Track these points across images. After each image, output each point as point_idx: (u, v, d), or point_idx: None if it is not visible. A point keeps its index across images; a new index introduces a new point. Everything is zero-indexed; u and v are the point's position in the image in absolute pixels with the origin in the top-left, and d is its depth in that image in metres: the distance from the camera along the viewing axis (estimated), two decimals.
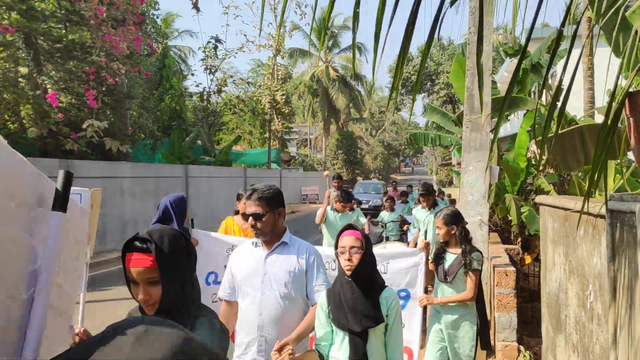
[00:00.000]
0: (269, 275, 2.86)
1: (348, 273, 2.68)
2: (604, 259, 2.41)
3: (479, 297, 3.99)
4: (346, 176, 48.55)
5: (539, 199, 4.02)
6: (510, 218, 8.17)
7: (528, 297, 7.43)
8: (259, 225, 2.82)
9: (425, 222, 7.31)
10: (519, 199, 7.78)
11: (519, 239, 8.37)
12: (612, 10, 3.54)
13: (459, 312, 4.00)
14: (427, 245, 4.13)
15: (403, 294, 4.02)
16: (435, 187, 27.98)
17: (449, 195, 14.66)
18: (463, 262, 3.94)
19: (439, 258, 4.15)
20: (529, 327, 6.55)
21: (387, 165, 68.89)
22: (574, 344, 3.10)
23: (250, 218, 2.83)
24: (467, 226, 5.83)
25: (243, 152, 29.96)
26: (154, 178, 15.89)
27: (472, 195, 5.57)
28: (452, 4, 1.68)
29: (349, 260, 2.67)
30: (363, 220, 8.80)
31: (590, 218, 2.66)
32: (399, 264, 4.11)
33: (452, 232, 4.07)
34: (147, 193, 15.42)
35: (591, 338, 2.76)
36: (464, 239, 4.06)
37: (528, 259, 7.90)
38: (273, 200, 2.87)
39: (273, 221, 2.87)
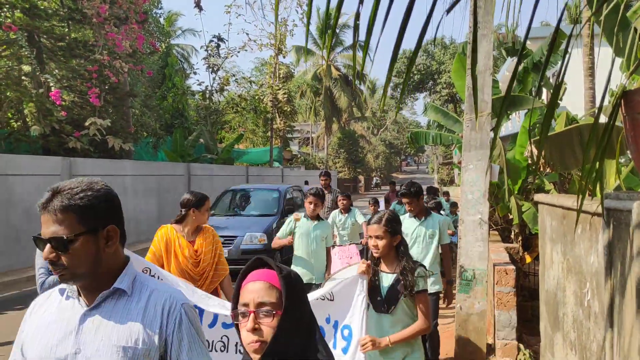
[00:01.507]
0: (84, 356, 1.56)
1: (255, 357, 1.48)
2: (601, 257, 2.43)
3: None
4: (348, 175, 48.62)
5: (538, 197, 4.04)
6: (511, 217, 8.20)
7: (528, 295, 7.46)
8: (63, 260, 1.53)
9: (413, 236, 5.18)
10: (520, 198, 7.80)
11: (520, 238, 8.39)
12: (609, 8, 3.56)
13: (400, 351, 3.07)
14: (368, 267, 3.08)
15: (346, 331, 3.04)
16: (436, 186, 27.67)
17: (446, 193, 13.73)
18: (404, 283, 3.01)
19: (371, 283, 3.13)
20: (528, 326, 6.58)
21: (389, 164, 68.98)
22: (571, 341, 3.13)
23: (47, 247, 1.53)
24: (467, 225, 5.88)
25: (245, 150, 30.02)
26: (157, 176, 15.94)
27: (472, 194, 5.59)
28: (448, 11, 1.71)
29: (255, 330, 1.46)
30: (361, 219, 7.37)
31: (588, 216, 2.68)
32: (347, 290, 3.11)
33: (395, 243, 3.12)
34: (150, 191, 15.47)
35: (588, 336, 2.79)
36: (406, 252, 3.15)
37: (528, 258, 7.92)
38: (93, 212, 1.57)
39: (93, 252, 1.57)
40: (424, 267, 3.17)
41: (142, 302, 1.63)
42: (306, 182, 20.85)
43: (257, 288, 1.51)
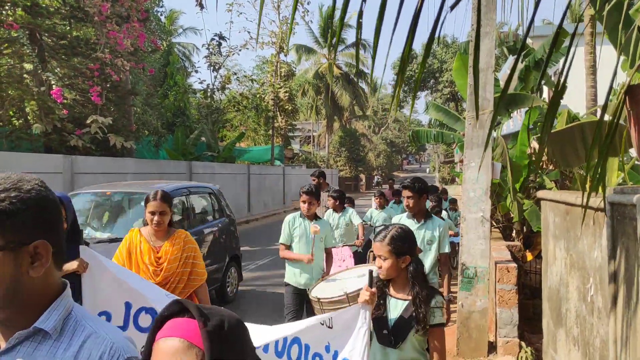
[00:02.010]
0: None
1: None
2: (605, 252, 2.44)
3: None
4: (349, 173, 48.63)
5: (541, 193, 4.05)
6: (512, 215, 8.20)
7: (529, 294, 7.47)
8: None
9: None
10: (521, 196, 7.81)
11: (521, 236, 8.40)
12: (611, 5, 3.56)
13: None
14: (373, 296, 2.51)
15: None
16: (438, 185, 27.46)
17: (444, 192, 13.06)
18: (416, 315, 2.55)
19: (376, 308, 2.64)
20: (530, 324, 6.60)
21: (390, 163, 69.01)
22: (574, 337, 3.14)
23: None
24: (469, 222, 5.87)
25: (246, 148, 30.02)
26: (158, 174, 15.96)
27: (474, 192, 5.60)
28: (452, 8, 1.71)
29: None
30: (357, 221, 7.11)
31: (591, 212, 2.69)
32: (347, 319, 2.62)
33: (403, 265, 2.64)
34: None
35: (591, 331, 2.80)
36: (419, 276, 2.64)
37: (529, 256, 7.93)
38: (17, 220, 1.19)
39: (11, 274, 1.19)
40: (442, 295, 2.69)
41: (73, 349, 1.23)
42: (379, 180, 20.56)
43: (170, 348, 1.09)
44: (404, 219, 4.71)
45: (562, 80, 1.90)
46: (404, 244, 2.62)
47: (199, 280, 3.92)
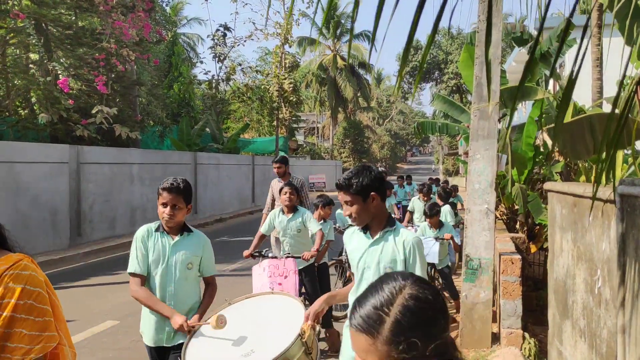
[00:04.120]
0: None
1: None
2: (613, 244, 2.45)
3: None
4: (353, 165, 48.66)
5: (548, 185, 4.05)
6: (516, 207, 8.21)
7: (533, 285, 7.49)
8: None
9: (361, 264, 2.75)
10: (526, 188, 7.81)
11: (525, 228, 8.41)
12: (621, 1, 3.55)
13: None
14: None
15: None
16: (441, 177, 27.33)
17: (444, 182, 11.77)
18: None
19: None
20: (533, 315, 6.63)
21: (394, 154, 68.98)
22: (581, 329, 3.15)
23: None
24: (474, 214, 5.89)
25: (251, 140, 30.02)
26: (163, 164, 16.02)
27: (479, 184, 5.60)
28: None
29: None
30: (315, 227, 5.41)
31: (599, 203, 2.69)
32: None
33: None
34: (156, 179, 15.54)
35: (598, 323, 2.81)
36: None
37: (533, 248, 7.95)
38: None
39: None
40: None
41: None
42: (383, 170, 19.83)
43: None
44: (357, 231, 2.84)
45: (575, 71, 1.90)
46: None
47: (28, 353, 1.76)
